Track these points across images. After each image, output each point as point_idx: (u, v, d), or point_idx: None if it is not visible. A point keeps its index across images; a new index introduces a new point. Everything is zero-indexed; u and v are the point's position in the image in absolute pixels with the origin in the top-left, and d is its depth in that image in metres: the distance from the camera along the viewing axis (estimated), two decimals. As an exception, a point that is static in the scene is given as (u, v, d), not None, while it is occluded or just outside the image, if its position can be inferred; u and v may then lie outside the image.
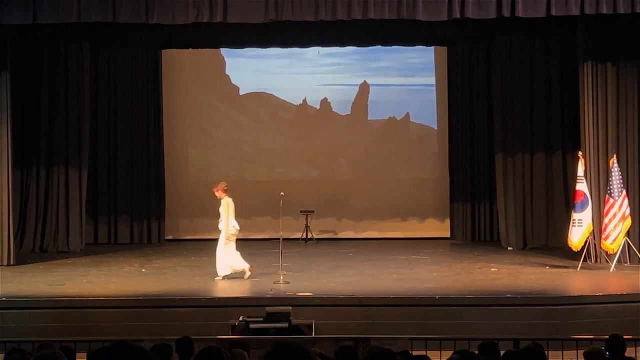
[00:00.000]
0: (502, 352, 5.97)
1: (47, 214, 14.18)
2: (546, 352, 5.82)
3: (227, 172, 15.99)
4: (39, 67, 14.02)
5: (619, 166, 11.83)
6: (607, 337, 6.64)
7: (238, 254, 11.08)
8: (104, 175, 14.84)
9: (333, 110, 16.02)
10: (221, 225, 11.01)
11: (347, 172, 16.05)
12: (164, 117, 15.46)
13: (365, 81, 15.88)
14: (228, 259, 11.01)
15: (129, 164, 14.89)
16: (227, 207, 10.97)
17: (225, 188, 11.10)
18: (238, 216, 15.45)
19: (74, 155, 14.23)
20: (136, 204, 14.91)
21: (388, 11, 11.34)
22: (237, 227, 11.09)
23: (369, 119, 16.06)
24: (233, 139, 16.06)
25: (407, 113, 15.97)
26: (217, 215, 15.83)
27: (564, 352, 7.51)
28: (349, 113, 16.00)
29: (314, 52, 15.66)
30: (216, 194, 11.09)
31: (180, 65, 15.88)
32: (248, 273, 11.05)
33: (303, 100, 15.99)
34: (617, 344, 6.37)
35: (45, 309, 9.62)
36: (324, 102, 15.99)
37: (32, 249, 13.98)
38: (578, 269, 11.56)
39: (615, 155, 11.93)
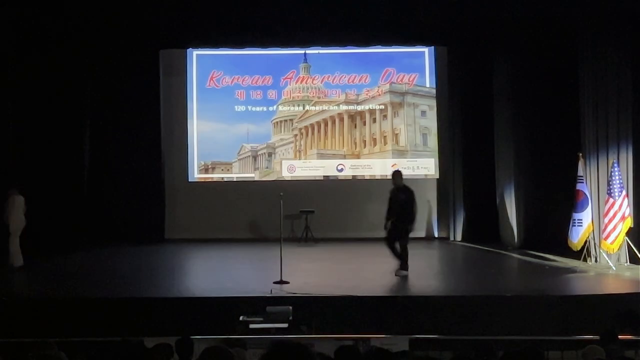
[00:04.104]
0: (501, 352, 5.95)
1: (48, 213, 14.18)
2: (546, 352, 5.81)
3: (227, 171, 16.02)
4: (39, 67, 14.01)
5: (619, 166, 11.84)
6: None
7: (19, 248, 12.01)
8: (104, 175, 14.84)
9: (333, 109, 16.05)
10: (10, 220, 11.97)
11: (347, 171, 16.05)
12: (163, 117, 15.49)
13: (369, 79, 15.92)
14: (12, 249, 11.93)
15: (129, 163, 14.90)
16: (12, 203, 11.97)
17: (15, 190, 12.07)
18: (240, 216, 15.59)
19: (74, 155, 14.23)
20: (136, 204, 14.92)
21: (388, 10, 11.35)
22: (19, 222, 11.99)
23: (369, 118, 16.07)
24: (233, 138, 16.06)
25: (408, 113, 15.99)
26: (216, 216, 15.88)
27: (564, 352, 7.49)
28: (350, 113, 16.02)
29: (313, 52, 15.71)
30: (9, 191, 12.12)
31: (179, 64, 15.90)
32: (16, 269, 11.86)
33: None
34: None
35: (45, 309, 9.60)
36: (326, 103, 16.02)
37: (32, 249, 13.97)
38: (578, 269, 11.56)
39: (615, 156, 11.93)
